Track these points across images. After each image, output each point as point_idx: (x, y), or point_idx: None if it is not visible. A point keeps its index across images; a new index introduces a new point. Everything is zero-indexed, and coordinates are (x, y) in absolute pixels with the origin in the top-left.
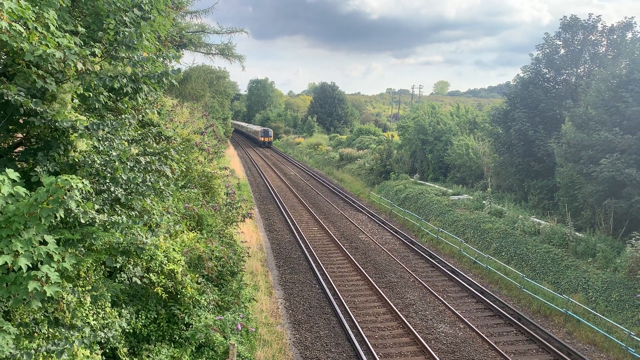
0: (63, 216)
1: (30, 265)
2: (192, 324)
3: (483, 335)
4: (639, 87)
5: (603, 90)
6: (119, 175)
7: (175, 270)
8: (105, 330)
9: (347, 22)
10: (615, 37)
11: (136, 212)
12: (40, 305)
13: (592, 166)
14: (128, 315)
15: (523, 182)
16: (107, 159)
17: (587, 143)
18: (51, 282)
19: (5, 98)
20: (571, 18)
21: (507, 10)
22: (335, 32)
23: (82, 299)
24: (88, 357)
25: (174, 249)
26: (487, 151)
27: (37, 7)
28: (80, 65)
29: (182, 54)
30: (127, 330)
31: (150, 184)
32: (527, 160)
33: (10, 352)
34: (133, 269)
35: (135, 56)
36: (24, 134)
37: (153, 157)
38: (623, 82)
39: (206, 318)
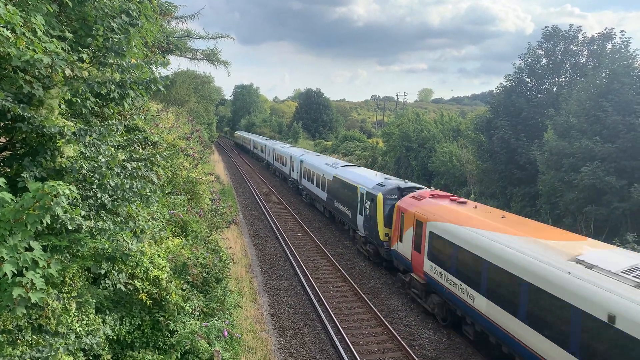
0: (49, 222)
1: (16, 272)
2: (177, 331)
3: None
4: (618, 97)
5: (584, 100)
6: (107, 182)
7: (160, 277)
8: (89, 337)
9: (334, 29)
10: (595, 47)
11: (122, 218)
12: (25, 312)
13: (573, 174)
14: (112, 321)
15: (506, 189)
16: (95, 165)
17: (569, 151)
18: (36, 288)
19: None
20: (553, 28)
21: (491, 20)
22: (321, 38)
23: (67, 306)
24: None
25: (158, 256)
26: (471, 158)
27: (24, 13)
28: (68, 71)
29: (169, 60)
30: (111, 337)
31: (136, 190)
32: (510, 168)
33: None
34: (118, 275)
35: (124, 63)
36: (8, 139)
37: (139, 163)
38: (603, 91)
39: (191, 325)
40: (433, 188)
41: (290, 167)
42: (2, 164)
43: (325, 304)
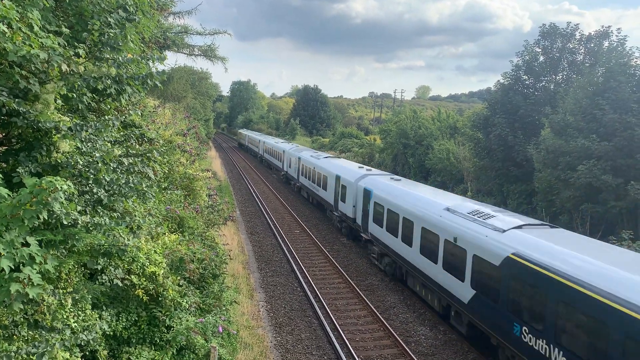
0: (46, 217)
1: (13, 267)
2: (173, 327)
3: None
4: (615, 95)
5: (580, 98)
6: (102, 177)
7: (157, 273)
8: (85, 333)
9: (331, 26)
10: (592, 45)
11: (118, 213)
12: (22, 307)
13: (569, 172)
14: (109, 317)
15: (502, 186)
16: (90, 160)
17: (565, 149)
18: (33, 284)
19: None
20: (550, 26)
21: (489, 17)
22: (319, 35)
23: (63, 301)
24: (68, 359)
25: (155, 251)
26: (468, 156)
27: (21, 8)
28: (64, 66)
29: (166, 55)
30: (108, 333)
31: (133, 185)
32: (507, 165)
33: None
34: (114, 270)
35: (120, 57)
36: (4, 134)
37: (136, 159)
38: (600, 90)
39: (187, 321)
40: None
41: (336, 193)
42: None
43: (322, 300)
